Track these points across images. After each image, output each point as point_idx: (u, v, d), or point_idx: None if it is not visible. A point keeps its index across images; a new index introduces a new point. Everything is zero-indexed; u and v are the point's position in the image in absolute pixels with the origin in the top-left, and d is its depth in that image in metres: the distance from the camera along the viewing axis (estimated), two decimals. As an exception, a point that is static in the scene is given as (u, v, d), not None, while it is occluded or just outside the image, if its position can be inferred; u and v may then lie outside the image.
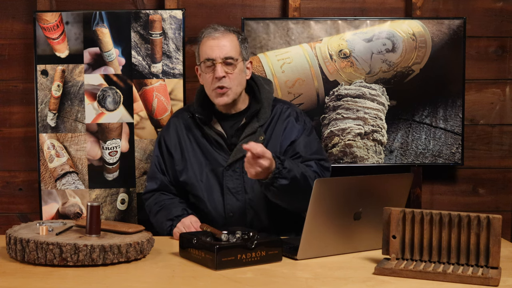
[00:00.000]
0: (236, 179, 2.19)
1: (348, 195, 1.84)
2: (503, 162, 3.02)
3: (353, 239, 1.89)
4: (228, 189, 2.19)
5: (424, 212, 1.70)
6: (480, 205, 3.03)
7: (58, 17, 2.74)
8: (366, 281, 1.62)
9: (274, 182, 1.98)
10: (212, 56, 2.15)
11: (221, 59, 2.15)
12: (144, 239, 1.81)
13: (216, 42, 2.16)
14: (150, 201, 2.32)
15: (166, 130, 2.33)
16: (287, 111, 2.26)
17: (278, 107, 2.27)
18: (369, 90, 2.81)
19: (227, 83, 2.15)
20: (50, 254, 1.69)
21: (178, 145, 2.27)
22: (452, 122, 2.84)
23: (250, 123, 2.21)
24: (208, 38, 2.18)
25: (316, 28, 2.81)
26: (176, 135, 2.29)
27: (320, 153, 2.25)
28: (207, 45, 2.17)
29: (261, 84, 2.28)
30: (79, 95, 2.76)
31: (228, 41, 2.17)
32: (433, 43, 2.82)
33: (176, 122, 2.32)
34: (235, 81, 2.16)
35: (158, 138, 2.36)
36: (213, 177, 2.21)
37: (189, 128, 2.28)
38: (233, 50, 2.16)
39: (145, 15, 2.75)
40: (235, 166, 2.19)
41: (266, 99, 2.25)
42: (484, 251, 1.64)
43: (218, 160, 2.20)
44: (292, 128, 2.23)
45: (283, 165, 1.99)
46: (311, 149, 2.22)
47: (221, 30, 2.18)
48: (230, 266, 1.70)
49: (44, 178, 2.77)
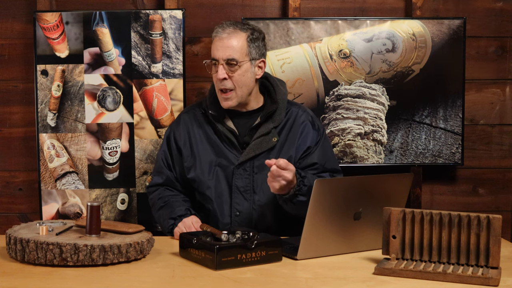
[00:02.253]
0: (245, 178, 2.18)
1: (348, 195, 1.84)
2: (503, 162, 3.02)
3: (353, 239, 1.89)
4: (237, 187, 2.18)
5: (424, 212, 1.70)
6: (480, 205, 3.03)
7: (58, 17, 2.74)
8: (366, 281, 1.63)
9: (293, 198, 2.02)
10: (216, 56, 2.15)
11: (223, 60, 2.14)
12: (144, 239, 1.81)
13: (221, 42, 2.15)
14: (154, 195, 2.32)
15: (176, 126, 2.31)
16: (303, 115, 2.26)
17: (293, 110, 2.27)
18: (369, 90, 2.81)
19: (229, 84, 2.15)
20: (50, 254, 1.69)
21: (188, 141, 2.26)
22: (452, 122, 2.84)
23: (265, 124, 2.20)
24: (216, 37, 2.17)
25: (316, 28, 2.81)
26: (186, 131, 2.27)
27: (334, 163, 2.27)
28: (214, 44, 2.17)
29: (276, 84, 2.27)
30: (79, 95, 2.76)
31: (233, 42, 2.14)
32: (433, 43, 2.82)
33: (186, 118, 2.30)
34: (238, 82, 2.15)
35: (167, 134, 2.33)
36: (222, 175, 2.20)
37: (200, 124, 2.26)
38: (237, 51, 2.14)
39: (145, 15, 2.75)
40: (245, 165, 2.18)
41: (281, 100, 2.24)
42: (484, 251, 1.64)
43: (229, 158, 2.20)
44: (308, 134, 2.23)
45: (304, 182, 2.02)
46: (327, 159, 2.24)
47: (229, 30, 2.16)
48: (230, 266, 1.70)
49: (44, 178, 2.77)
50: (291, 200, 2.03)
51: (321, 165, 2.21)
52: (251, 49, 2.16)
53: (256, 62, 2.19)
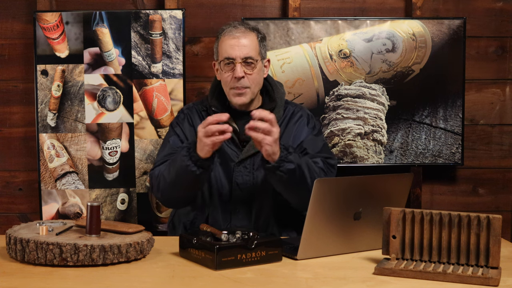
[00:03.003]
0: (246, 175, 2.18)
1: (348, 195, 1.84)
2: (503, 162, 3.02)
3: (353, 239, 1.89)
4: (237, 184, 2.19)
5: (424, 212, 1.70)
6: (480, 205, 3.03)
7: (58, 17, 2.74)
8: (366, 281, 1.62)
9: (280, 166, 1.99)
10: (232, 55, 2.15)
11: (241, 59, 2.14)
12: (144, 239, 1.80)
13: (236, 41, 2.16)
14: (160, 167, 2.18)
15: (182, 120, 2.29)
16: (299, 113, 2.28)
17: (289, 108, 2.29)
18: (369, 90, 2.81)
19: (246, 83, 2.15)
20: (50, 254, 1.69)
21: (194, 135, 2.23)
22: (452, 122, 2.84)
23: None
24: (229, 37, 2.17)
25: (316, 28, 2.81)
26: (191, 126, 2.26)
27: (326, 151, 2.26)
28: (228, 43, 2.17)
29: (275, 84, 2.30)
30: (79, 95, 2.76)
31: (248, 41, 2.16)
32: (433, 43, 2.82)
33: (189, 114, 2.29)
34: (254, 81, 2.17)
35: (173, 125, 2.29)
36: (223, 172, 2.20)
37: (201, 121, 2.26)
38: (253, 50, 2.16)
39: (145, 15, 2.75)
40: (246, 162, 2.18)
41: (279, 99, 2.26)
42: (484, 251, 1.64)
43: (229, 155, 2.20)
44: (302, 130, 2.24)
45: (288, 150, 2.01)
46: (317, 147, 2.23)
47: (242, 29, 2.18)
48: (230, 266, 1.70)
49: (44, 178, 2.77)
50: (279, 168, 1.98)
51: (312, 152, 2.19)
52: (261, 48, 2.21)
53: (264, 61, 2.24)
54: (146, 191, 2.79)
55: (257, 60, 2.17)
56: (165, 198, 2.21)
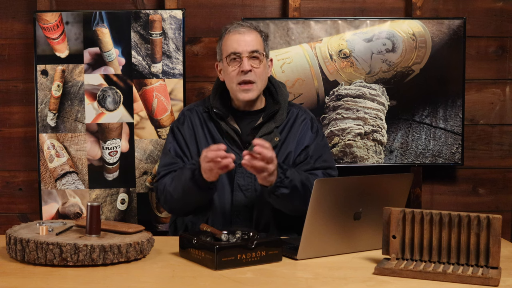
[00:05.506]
0: (247, 176, 2.18)
1: (348, 195, 1.84)
2: (503, 162, 3.02)
3: (353, 239, 1.89)
4: (238, 186, 2.19)
5: (424, 212, 1.70)
6: (480, 205, 3.03)
7: (58, 17, 2.74)
8: (366, 281, 1.62)
9: (275, 191, 2.02)
10: (238, 50, 2.16)
11: (248, 52, 2.15)
12: (144, 239, 1.80)
13: (242, 36, 2.17)
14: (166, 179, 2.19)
15: (182, 124, 2.28)
16: (303, 116, 2.28)
17: (293, 110, 2.29)
18: (369, 90, 2.81)
19: (253, 77, 2.16)
20: (50, 254, 1.69)
21: (193, 138, 2.24)
22: (452, 122, 2.84)
23: (267, 123, 2.21)
24: (234, 33, 2.18)
25: (316, 28, 2.81)
26: (191, 128, 2.26)
27: (328, 160, 2.26)
28: (233, 39, 2.18)
29: (278, 86, 2.29)
30: (79, 95, 2.76)
31: (254, 37, 2.18)
32: (433, 43, 2.82)
33: (190, 116, 2.29)
34: (260, 76, 2.17)
35: (172, 130, 2.29)
36: (224, 173, 2.20)
37: (203, 122, 2.26)
38: (259, 44, 2.18)
39: (145, 15, 2.75)
40: None
41: (283, 101, 2.26)
42: (484, 251, 1.64)
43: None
44: (306, 134, 2.25)
45: (285, 174, 2.02)
46: (319, 155, 2.23)
47: (246, 26, 2.20)
48: (230, 266, 1.70)
49: (44, 178, 2.77)
50: (274, 192, 2.02)
51: (314, 161, 2.21)
52: (265, 46, 2.23)
53: (267, 60, 2.24)
54: (146, 191, 2.79)
55: (263, 54, 2.18)
56: (175, 212, 2.28)
